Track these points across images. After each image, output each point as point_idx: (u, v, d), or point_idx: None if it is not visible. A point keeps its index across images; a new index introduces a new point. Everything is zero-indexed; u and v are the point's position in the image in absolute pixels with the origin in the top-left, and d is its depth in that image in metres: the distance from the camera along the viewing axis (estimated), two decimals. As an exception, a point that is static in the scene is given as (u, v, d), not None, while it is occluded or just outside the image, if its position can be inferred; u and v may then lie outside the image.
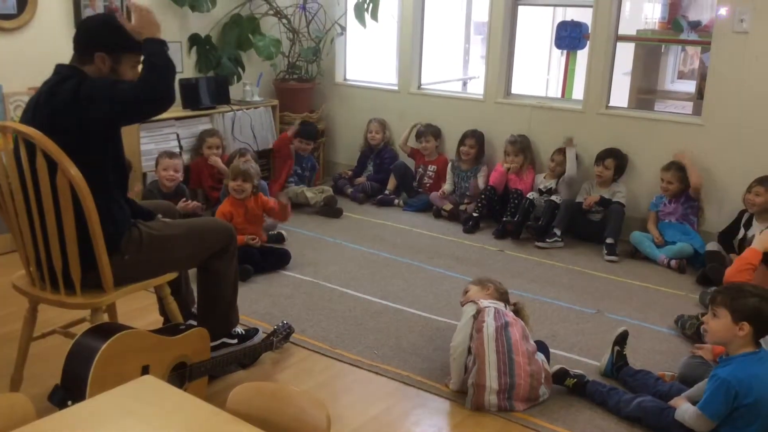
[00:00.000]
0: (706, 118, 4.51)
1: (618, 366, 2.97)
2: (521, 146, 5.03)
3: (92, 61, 2.45)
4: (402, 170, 5.57)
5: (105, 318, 2.67)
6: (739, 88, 4.33)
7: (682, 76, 7.73)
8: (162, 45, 2.47)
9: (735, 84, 4.34)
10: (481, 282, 3.07)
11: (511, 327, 2.77)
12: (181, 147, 5.00)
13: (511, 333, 2.75)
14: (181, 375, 2.49)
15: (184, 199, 4.49)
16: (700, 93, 5.72)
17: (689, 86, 7.22)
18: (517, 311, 2.95)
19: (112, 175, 2.49)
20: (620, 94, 6.15)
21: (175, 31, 5.21)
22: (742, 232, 4.13)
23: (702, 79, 5.48)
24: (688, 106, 6.56)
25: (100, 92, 2.37)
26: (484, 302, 2.85)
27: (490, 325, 2.75)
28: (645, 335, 3.41)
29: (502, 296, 2.98)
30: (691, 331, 3.36)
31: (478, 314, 2.79)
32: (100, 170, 2.43)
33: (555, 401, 2.81)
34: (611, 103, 4.97)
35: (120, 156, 2.56)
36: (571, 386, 2.85)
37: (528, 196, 4.82)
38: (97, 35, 2.49)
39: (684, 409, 2.47)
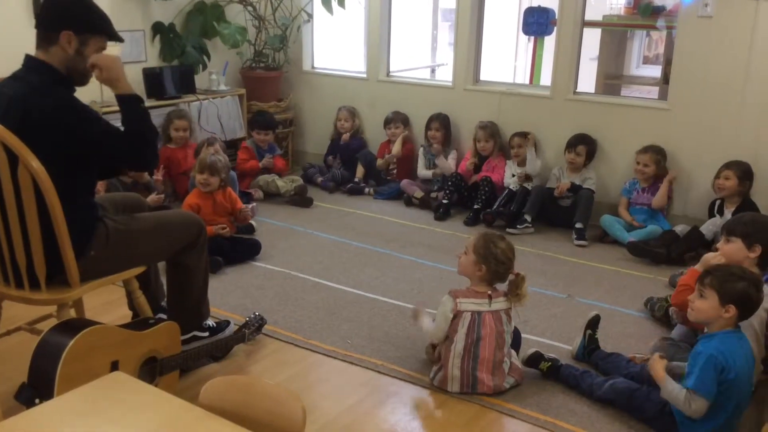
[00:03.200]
0: (672, 103, 4.56)
1: (590, 349, 3.00)
2: (491, 131, 5.04)
3: (57, 41, 2.36)
4: (368, 158, 5.55)
5: (72, 314, 2.61)
6: (704, 72, 4.38)
7: (647, 61, 7.83)
8: (139, 104, 2.46)
9: (700, 68, 4.39)
10: (478, 253, 2.75)
11: (483, 340, 2.71)
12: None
13: (482, 336, 2.72)
14: (151, 370, 2.45)
15: (156, 192, 4.41)
16: (665, 78, 5.78)
17: (654, 71, 7.31)
18: (515, 285, 2.78)
19: (79, 173, 2.44)
20: (587, 80, 6.20)
21: (137, 19, 5.11)
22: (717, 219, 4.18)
23: (667, 63, 5.55)
24: (653, 91, 6.64)
25: (87, 136, 2.33)
26: (463, 303, 2.73)
27: (461, 335, 2.71)
28: (615, 318, 3.44)
29: (496, 276, 2.78)
30: (660, 313, 3.41)
31: (455, 318, 2.73)
32: (67, 169, 2.37)
33: (528, 386, 2.82)
34: (578, 89, 5.00)
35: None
36: (545, 370, 2.87)
37: (511, 187, 4.84)
38: (65, 11, 2.41)
39: (671, 390, 2.44)
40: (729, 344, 2.39)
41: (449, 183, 5.02)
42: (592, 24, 5.81)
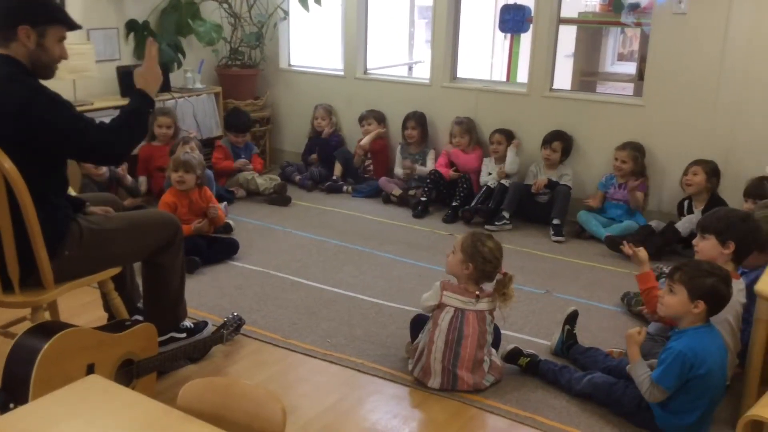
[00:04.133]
0: (647, 99, 4.61)
1: (568, 344, 3.02)
2: (467, 127, 5.06)
3: (16, 37, 2.33)
4: (346, 156, 5.54)
5: (46, 316, 2.58)
6: (679, 69, 4.42)
7: (621, 58, 7.90)
8: (149, 106, 2.51)
9: (674, 65, 4.44)
10: (466, 251, 2.75)
11: (465, 339, 2.71)
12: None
13: (465, 335, 2.72)
14: (128, 372, 2.42)
15: (130, 187, 4.39)
16: (640, 74, 5.84)
17: (629, 68, 7.38)
18: (502, 284, 2.76)
19: (52, 173, 2.40)
20: (563, 77, 6.25)
21: (111, 17, 5.06)
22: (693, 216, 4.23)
23: (642, 60, 5.60)
24: (628, 88, 6.71)
25: (59, 122, 2.30)
26: (448, 297, 2.75)
27: (442, 330, 2.72)
28: (593, 313, 3.47)
29: (483, 275, 2.78)
30: (636, 307, 3.44)
31: (437, 308, 2.75)
32: (39, 167, 2.33)
33: (508, 381, 2.84)
34: (555, 86, 5.02)
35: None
36: (524, 365, 2.89)
37: (489, 184, 4.85)
38: (18, 6, 2.38)
39: (639, 373, 2.49)
40: (699, 340, 2.42)
41: (428, 180, 5.02)
42: (568, 21, 5.85)
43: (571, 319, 3.07)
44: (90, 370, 2.22)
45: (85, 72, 4.56)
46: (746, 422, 2.13)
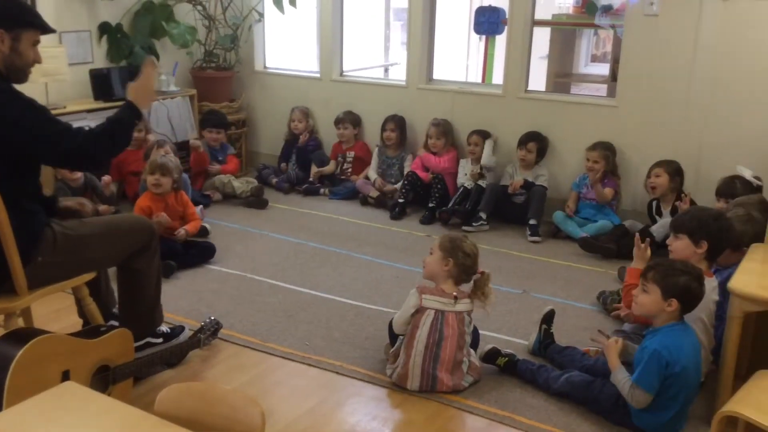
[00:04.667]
0: (620, 100, 4.66)
1: (545, 344, 3.04)
2: (444, 129, 5.07)
3: None
4: (322, 159, 5.53)
5: (20, 323, 2.54)
6: (651, 70, 4.48)
7: (595, 59, 7.99)
8: (136, 118, 2.51)
9: (646, 66, 4.49)
10: (445, 248, 2.78)
11: (445, 340, 2.72)
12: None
13: (445, 336, 2.73)
14: (104, 379, 2.40)
15: (104, 192, 4.34)
16: (613, 75, 5.91)
17: (602, 69, 7.46)
18: (481, 283, 2.78)
19: (25, 178, 2.37)
20: (538, 78, 6.30)
21: (83, 19, 5.01)
22: (659, 221, 4.29)
23: (615, 61, 5.66)
24: (602, 89, 6.78)
25: (34, 127, 2.27)
26: (428, 299, 2.75)
27: (423, 333, 2.72)
28: (569, 312, 3.50)
29: (463, 272, 2.79)
30: (612, 306, 3.47)
31: (417, 313, 2.75)
32: (12, 171, 2.30)
33: (487, 381, 2.85)
34: (530, 87, 5.06)
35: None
36: (502, 365, 2.90)
37: (466, 185, 4.87)
38: None
39: (620, 378, 2.52)
40: (673, 338, 2.45)
41: (405, 182, 5.03)
42: (542, 23, 5.90)
43: (548, 318, 3.09)
44: (65, 376, 2.20)
45: (57, 75, 4.50)
46: (721, 418, 2.16)
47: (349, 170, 5.49)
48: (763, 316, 2.70)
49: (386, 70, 7.60)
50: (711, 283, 2.71)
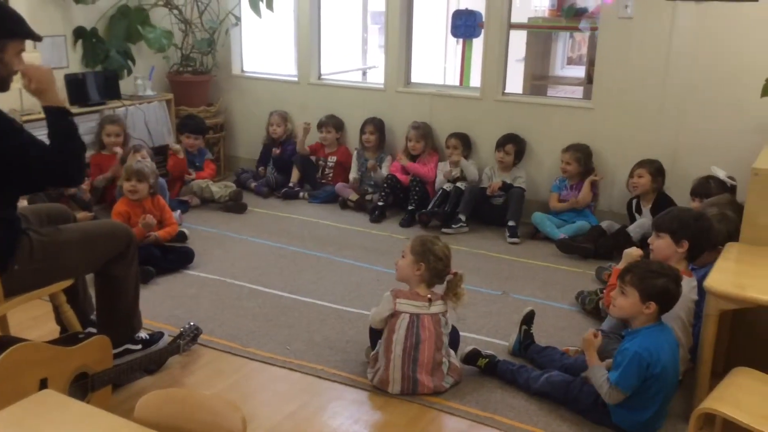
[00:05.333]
0: (596, 102, 4.71)
1: (525, 344, 3.06)
2: (423, 132, 5.09)
3: None
4: (304, 162, 5.52)
5: (-5, 331, 2.51)
6: (626, 72, 4.53)
7: (571, 62, 8.08)
8: (67, 117, 2.39)
9: (621, 68, 4.54)
10: (416, 252, 2.77)
11: (422, 343, 2.72)
12: (70, 146, 4.75)
13: (422, 339, 2.73)
14: (82, 386, 2.37)
15: (87, 212, 4.28)
16: (589, 78, 5.97)
17: (578, 71, 7.55)
18: (453, 284, 2.78)
19: (1, 186, 2.34)
20: (515, 81, 6.35)
21: (58, 23, 4.95)
22: (638, 219, 4.34)
23: (591, 64, 5.72)
24: (578, 91, 6.86)
25: (9, 145, 2.24)
26: (402, 303, 2.74)
27: (400, 337, 2.73)
28: (549, 313, 3.53)
29: (435, 275, 2.78)
30: (591, 306, 3.51)
31: (392, 317, 2.75)
32: None
33: (467, 383, 2.86)
34: (507, 90, 5.10)
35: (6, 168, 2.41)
36: (483, 366, 2.91)
37: (444, 187, 4.88)
38: None
39: (597, 375, 2.53)
40: (653, 339, 2.48)
41: (385, 185, 5.04)
42: (518, 26, 5.95)
43: (528, 319, 3.11)
44: (43, 384, 2.17)
45: (31, 80, 4.45)
46: (699, 415, 2.19)
47: (330, 175, 5.48)
48: (739, 314, 2.74)
49: (364, 74, 7.61)
50: (690, 283, 2.75)
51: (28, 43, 4.57)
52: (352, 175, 5.35)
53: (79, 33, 5.10)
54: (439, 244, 2.82)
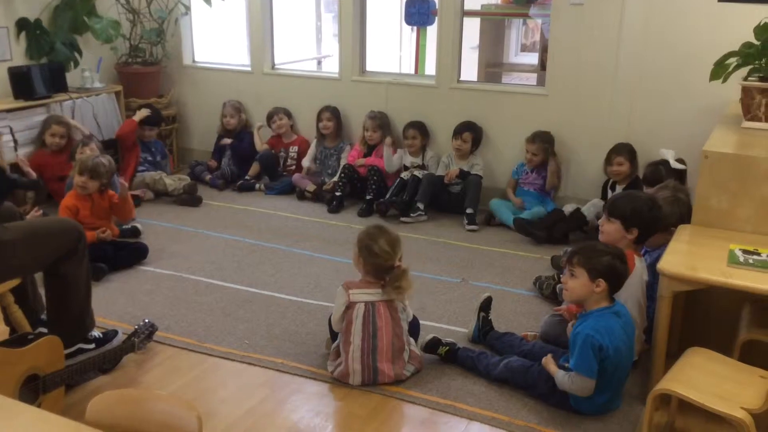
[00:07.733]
0: (550, 89, 4.74)
1: (484, 331, 3.08)
2: (380, 122, 5.07)
3: None
4: (267, 158, 5.41)
5: (-61, 335, 2.42)
6: (578, 58, 4.57)
7: (524, 49, 8.12)
8: None
9: (574, 55, 4.58)
10: (358, 246, 2.77)
11: (380, 330, 2.72)
12: (16, 141, 4.61)
13: (379, 327, 2.73)
14: (33, 389, 2.30)
15: (36, 209, 4.14)
16: (542, 65, 6.02)
17: (532, 59, 7.59)
18: (395, 278, 2.74)
19: None
20: (470, 68, 6.36)
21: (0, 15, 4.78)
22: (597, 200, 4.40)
23: (544, 51, 5.76)
24: (532, 78, 6.90)
25: None
26: (355, 293, 2.74)
27: (357, 327, 2.72)
28: (507, 299, 3.55)
29: (375, 269, 2.76)
30: (548, 291, 3.55)
31: (348, 309, 2.74)
32: None
33: (428, 371, 2.86)
34: (462, 78, 5.10)
35: None
36: (443, 354, 2.92)
37: (402, 176, 4.88)
38: None
39: (561, 378, 2.56)
40: (604, 321, 2.52)
41: (342, 175, 5.00)
42: (472, 13, 5.95)
43: (485, 305, 3.13)
44: (-10, 389, 2.10)
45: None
46: (655, 396, 2.23)
47: (293, 166, 5.41)
48: (692, 295, 2.80)
49: (319, 63, 7.55)
50: (640, 263, 2.80)
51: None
52: (306, 162, 5.30)
53: (23, 24, 4.93)
54: (380, 240, 2.73)
